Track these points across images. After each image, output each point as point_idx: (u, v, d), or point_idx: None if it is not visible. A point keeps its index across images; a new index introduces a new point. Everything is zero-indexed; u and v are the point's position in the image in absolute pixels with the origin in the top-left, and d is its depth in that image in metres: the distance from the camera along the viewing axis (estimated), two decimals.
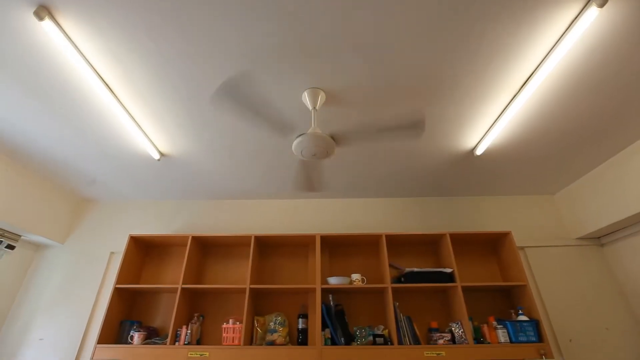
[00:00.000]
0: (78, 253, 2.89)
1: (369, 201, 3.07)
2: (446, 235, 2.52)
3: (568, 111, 1.97)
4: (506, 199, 3.05)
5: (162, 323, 2.54)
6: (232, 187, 2.87)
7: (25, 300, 2.71)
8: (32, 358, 2.48)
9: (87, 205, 3.13)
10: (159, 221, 3.02)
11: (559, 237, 2.84)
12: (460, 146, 2.30)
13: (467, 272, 2.67)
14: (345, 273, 2.65)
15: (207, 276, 2.71)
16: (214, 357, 2.12)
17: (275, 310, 2.52)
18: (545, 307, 2.58)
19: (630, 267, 2.55)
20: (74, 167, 2.57)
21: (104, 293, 2.71)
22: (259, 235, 2.55)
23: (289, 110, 1.93)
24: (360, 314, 2.51)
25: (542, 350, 2.13)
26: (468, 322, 2.20)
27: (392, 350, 2.12)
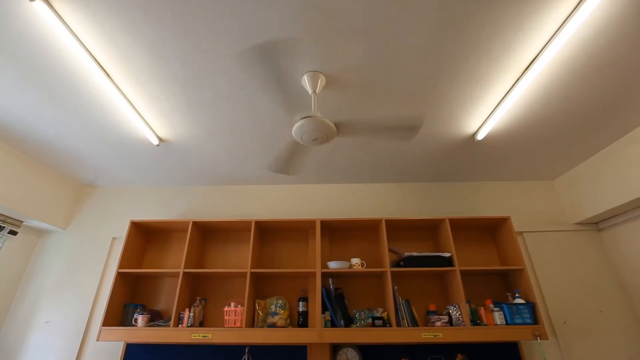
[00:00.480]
0: (80, 238, 2.91)
1: (369, 186, 3.08)
2: (445, 220, 2.54)
3: (571, 95, 1.94)
4: (506, 184, 3.05)
5: (165, 306, 2.59)
6: (231, 172, 2.86)
7: (30, 284, 2.75)
8: (39, 340, 2.54)
9: (87, 191, 3.14)
10: (159, 207, 3.03)
11: (558, 222, 2.86)
12: (462, 131, 2.29)
13: (465, 257, 2.70)
14: (345, 257, 2.69)
15: (208, 260, 2.75)
16: (217, 339, 2.17)
17: (276, 294, 2.57)
18: (541, 290, 2.63)
19: (626, 252, 2.58)
20: (74, 153, 2.57)
21: (107, 277, 2.76)
22: (259, 221, 2.57)
23: (288, 94, 1.91)
24: (359, 298, 2.56)
25: (537, 332, 2.18)
26: (465, 304, 2.24)
27: (390, 332, 2.17)
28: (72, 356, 2.47)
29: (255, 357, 2.39)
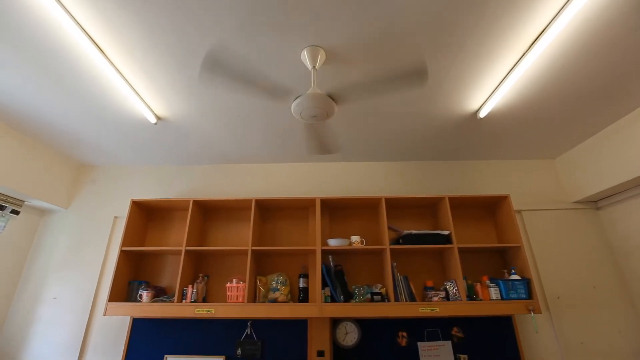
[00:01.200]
0: (82, 217, 2.94)
1: (369, 165, 3.07)
2: (445, 198, 2.55)
3: (577, 72, 1.90)
4: (507, 163, 3.04)
5: (168, 283, 2.65)
6: (231, 151, 2.85)
7: (36, 262, 2.80)
8: (48, 315, 2.62)
9: (87, 171, 3.13)
10: (159, 186, 3.04)
11: (557, 200, 2.88)
12: (464, 108, 2.25)
13: (464, 234, 2.73)
14: (345, 235, 2.72)
15: (210, 238, 2.78)
16: (220, 313, 2.24)
17: (277, 271, 2.62)
18: (537, 267, 2.68)
19: (623, 229, 2.61)
20: (72, 133, 2.55)
21: (111, 255, 2.81)
22: (259, 199, 2.58)
23: (287, 70, 1.86)
24: (359, 274, 2.61)
25: (531, 307, 2.24)
26: (462, 280, 2.29)
27: (388, 307, 2.23)
28: (81, 330, 2.56)
29: (257, 331, 2.47)
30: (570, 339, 2.46)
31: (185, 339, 2.47)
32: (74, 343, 2.53)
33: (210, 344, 2.45)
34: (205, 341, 2.46)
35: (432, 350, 2.41)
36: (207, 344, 2.45)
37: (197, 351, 2.43)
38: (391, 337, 2.44)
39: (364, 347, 2.42)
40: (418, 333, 2.45)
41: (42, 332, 2.57)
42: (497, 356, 2.38)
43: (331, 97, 1.63)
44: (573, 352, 2.42)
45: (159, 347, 2.45)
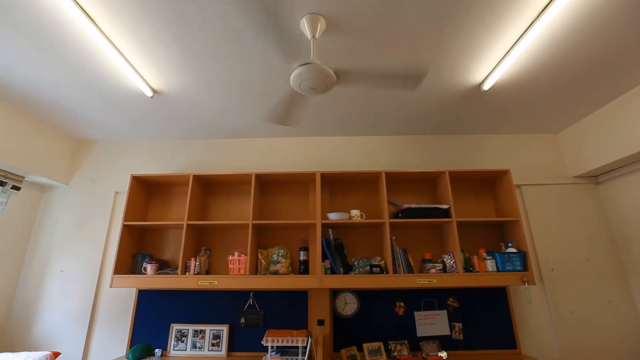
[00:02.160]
0: (83, 193, 2.95)
1: (370, 139, 3.04)
2: (445, 173, 2.55)
3: (581, 45, 1.85)
4: (508, 137, 3.01)
5: (171, 256, 2.71)
6: (230, 125, 2.81)
7: (40, 237, 2.85)
8: (56, 287, 2.70)
9: (86, 146, 3.11)
10: (159, 161, 3.03)
11: (557, 175, 2.88)
12: (468, 80, 2.19)
13: (463, 208, 2.76)
14: (345, 209, 2.75)
15: (211, 213, 2.81)
16: (223, 285, 2.31)
17: (278, 244, 2.67)
18: (533, 240, 2.73)
19: (621, 204, 2.63)
20: (69, 108, 2.51)
21: (114, 229, 2.85)
22: (259, 174, 2.58)
23: (286, 40, 1.80)
24: (358, 247, 2.66)
25: (526, 278, 2.30)
26: (460, 253, 2.34)
27: (387, 278, 2.29)
28: (89, 301, 2.65)
29: (259, 301, 2.55)
30: (561, 308, 2.55)
31: (190, 309, 2.56)
32: (83, 313, 2.62)
33: (215, 314, 2.54)
34: (210, 311, 2.55)
35: (428, 319, 2.50)
36: (211, 313, 2.54)
37: (202, 320, 2.53)
38: (389, 307, 2.53)
39: (363, 316, 2.51)
40: (415, 303, 2.54)
41: (52, 303, 2.66)
42: (490, 324, 2.48)
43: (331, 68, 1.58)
44: (563, 321, 2.52)
45: (165, 316, 2.54)
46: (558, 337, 2.48)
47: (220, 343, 2.45)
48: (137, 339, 2.50)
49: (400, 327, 2.49)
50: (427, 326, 2.48)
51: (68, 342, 2.56)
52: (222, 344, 2.44)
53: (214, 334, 2.47)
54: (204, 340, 2.46)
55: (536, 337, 2.50)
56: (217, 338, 2.46)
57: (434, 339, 2.44)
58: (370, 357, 2.27)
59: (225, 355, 2.42)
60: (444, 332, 2.47)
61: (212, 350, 2.44)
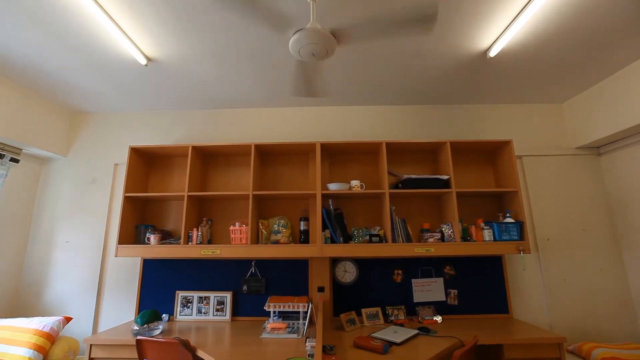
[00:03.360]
0: (83, 165, 2.95)
1: (370, 109, 2.99)
2: (446, 143, 2.52)
3: (593, 10, 1.76)
4: (512, 107, 2.96)
5: (174, 227, 2.75)
6: (228, 94, 2.75)
7: (43, 209, 2.88)
8: (63, 257, 2.77)
9: (82, 118, 3.06)
10: (157, 132, 3.00)
11: (559, 146, 2.86)
12: (474, 46, 2.11)
13: (462, 179, 2.76)
14: (345, 179, 2.75)
15: (211, 184, 2.82)
16: (225, 254, 2.36)
17: (278, 214, 2.71)
18: (531, 211, 2.75)
19: (621, 174, 2.63)
20: (64, 79, 2.46)
21: (116, 201, 2.87)
22: (259, 144, 2.56)
23: (284, 3, 1.71)
24: (358, 217, 2.70)
25: (521, 247, 2.35)
26: (458, 223, 2.37)
27: (386, 247, 2.34)
28: (96, 270, 2.72)
29: (261, 270, 2.63)
30: (554, 276, 2.63)
31: (195, 277, 2.64)
32: (91, 281, 2.71)
33: (218, 281, 2.62)
34: (213, 279, 2.63)
35: (425, 286, 2.59)
36: (214, 281, 2.62)
37: (206, 287, 2.61)
38: (387, 274, 2.61)
39: (362, 284, 2.59)
40: (413, 271, 2.61)
41: (60, 272, 2.74)
42: (485, 290, 2.57)
43: (333, 33, 1.51)
44: (555, 288, 2.60)
45: (170, 283, 2.63)
46: (549, 303, 2.58)
47: (224, 309, 2.55)
48: (145, 305, 2.60)
49: (397, 293, 2.57)
50: (424, 292, 2.57)
51: (79, 308, 2.66)
52: (226, 310, 2.54)
53: (218, 300, 2.57)
54: (209, 306, 2.56)
55: (528, 303, 2.60)
56: (221, 304, 2.56)
57: (429, 305, 2.53)
58: (368, 321, 2.37)
59: (229, 319, 2.52)
60: (440, 298, 2.56)
61: (216, 315, 2.54)
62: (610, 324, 2.53)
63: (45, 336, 2.17)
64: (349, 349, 1.82)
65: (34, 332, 2.16)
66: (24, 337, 2.13)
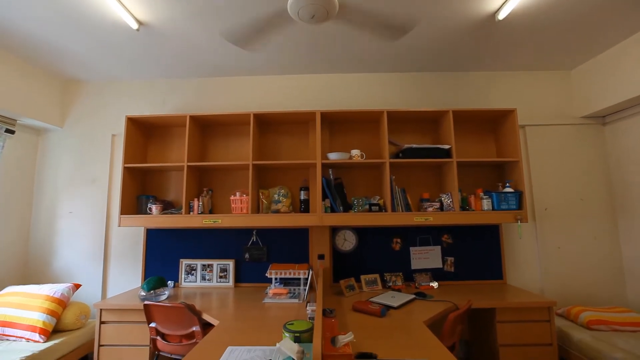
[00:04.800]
0: (80, 136, 2.91)
1: (372, 76, 2.89)
2: (449, 112, 2.47)
3: None
4: (518, 74, 2.86)
5: (174, 197, 2.77)
6: (224, 60, 2.65)
7: (44, 180, 2.88)
8: (67, 227, 2.81)
9: (76, 87, 2.98)
10: (154, 101, 2.93)
11: (564, 115, 2.81)
12: (482, 8, 2.00)
13: (464, 149, 2.74)
14: (345, 149, 2.73)
15: (211, 154, 2.80)
16: (226, 223, 2.39)
17: (279, 184, 2.71)
18: (531, 180, 2.76)
19: (625, 143, 2.60)
20: (54, 46, 2.38)
21: (115, 172, 2.87)
22: (258, 113, 2.51)
23: None
24: (358, 187, 2.71)
25: (519, 216, 2.38)
26: (457, 193, 2.38)
27: (385, 216, 2.37)
28: (101, 239, 2.78)
29: (262, 238, 2.68)
30: (549, 244, 2.68)
31: (197, 246, 2.70)
32: (97, 250, 2.77)
33: (220, 250, 2.68)
34: (216, 247, 2.69)
35: (423, 253, 2.65)
36: (217, 249, 2.69)
37: (209, 256, 2.68)
38: (386, 243, 2.66)
39: (361, 251, 2.66)
40: (411, 239, 2.67)
41: (66, 241, 2.79)
42: (481, 258, 2.63)
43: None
44: (549, 255, 2.67)
45: (174, 252, 2.69)
46: (542, 269, 2.65)
47: (227, 275, 2.63)
48: (150, 273, 2.68)
49: (396, 261, 2.64)
50: (421, 260, 2.64)
51: (86, 275, 2.75)
52: (229, 277, 2.63)
53: (221, 268, 2.64)
54: (212, 273, 2.64)
55: (522, 270, 2.67)
56: (224, 271, 2.64)
57: (426, 271, 2.61)
58: (367, 287, 2.45)
59: (232, 286, 2.61)
60: (437, 265, 2.63)
61: (220, 282, 2.63)
62: (600, 290, 2.62)
63: (57, 302, 2.26)
64: (348, 312, 1.90)
65: (46, 297, 2.25)
66: (36, 303, 2.21)
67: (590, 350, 1.95)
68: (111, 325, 2.13)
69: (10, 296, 2.27)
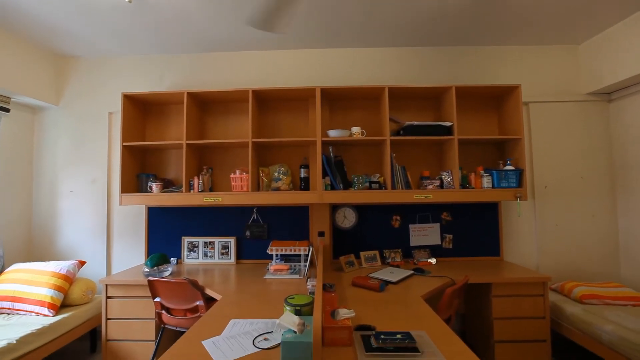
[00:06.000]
0: (76, 114, 2.87)
1: (373, 51, 2.81)
2: (451, 88, 2.42)
3: None
4: (525, 49, 2.77)
5: (174, 175, 2.77)
6: (220, 34, 2.56)
7: (42, 159, 2.87)
8: (69, 206, 2.83)
9: (70, 63, 2.90)
10: (150, 78, 2.86)
11: (570, 92, 2.75)
12: None
13: (465, 126, 2.70)
14: (345, 126, 2.69)
15: (210, 132, 2.77)
16: (227, 201, 2.41)
17: (279, 162, 2.70)
18: (532, 158, 2.74)
19: (630, 120, 2.56)
20: (45, 20, 2.29)
21: (114, 150, 2.85)
22: (257, 90, 2.46)
23: None
24: (358, 164, 2.70)
25: (519, 194, 2.39)
26: (458, 171, 2.38)
27: (385, 194, 2.38)
28: (103, 218, 2.80)
29: (263, 216, 2.70)
30: (547, 221, 2.70)
31: (198, 224, 2.73)
32: (100, 228, 2.80)
33: (221, 228, 2.72)
34: (217, 225, 2.72)
35: (422, 231, 2.68)
36: (218, 227, 2.72)
37: (210, 233, 2.72)
38: (386, 220, 2.69)
39: (361, 228, 2.69)
40: (410, 217, 2.69)
41: (69, 220, 2.82)
42: (479, 235, 2.67)
43: None
44: (546, 233, 2.70)
45: (175, 230, 2.73)
46: (539, 246, 2.69)
47: (229, 252, 2.68)
48: (153, 250, 2.73)
49: (395, 238, 2.68)
50: (420, 237, 2.68)
51: (91, 253, 2.79)
52: (230, 253, 2.67)
53: (223, 245, 2.69)
54: (214, 250, 2.69)
55: (519, 246, 2.71)
56: (226, 248, 2.68)
57: (425, 248, 2.65)
58: (366, 263, 2.50)
59: (234, 262, 2.66)
60: (435, 242, 2.67)
61: (222, 258, 2.68)
62: (594, 267, 2.67)
63: (63, 278, 2.31)
64: (348, 287, 1.95)
65: (52, 274, 2.30)
66: (43, 279, 2.26)
67: (581, 322, 2.02)
68: (117, 300, 2.19)
69: (18, 273, 2.32)
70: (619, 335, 1.78)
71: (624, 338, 1.76)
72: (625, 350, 1.74)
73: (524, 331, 2.08)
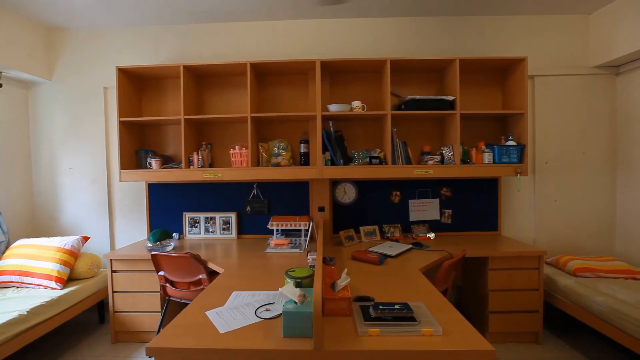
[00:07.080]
0: (70, 89, 2.80)
1: (374, 21, 2.69)
2: (455, 61, 2.35)
3: None
4: (531, 19, 2.66)
5: (173, 151, 2.75)
6: (218, 4, 2.45)
7: (39, 137, 2.84)
8: (69, 183, 2.84)
9: (61, 36, 2.79)
10: (144, 50, 2.76)
11: (577, 65, 2.67)
12: None
13: (468, 101, 2.64)
14: (346, 100, 2.64)
15: (208, 107, 2.72)
16: (227, 177, 2.40)
17: (278, 137, 2.68)
18: (535, 133, 2.71)
19: (637, 97, 2.51)
20: None
21: (111, 126, 2.81)
22: (255, 62, 2.38)
23: None
24: (358, 139, 2.67)
25: (519, 169, 2.38)
26: (459, 146, 2.36)
27: (385, 169, 2.37)
28: (104, 194, 2.81)
29: (263, 192, 2.71)
30: (546, 197, 2.72)
31: (200, 199, 2.74)
32: (101, 204, 2.82)
33: (222, 203, 2.73)
34: (217, 201, 2.74)
35: (421, 206, 2.70)
36: (219, 203, 2.74)
37: (211, 209, 2.74)
38: (385, 195, 2.70)
39: (360, 204, 2.71)
40: (410, 192, 2.70)
41: (70, 196, 2.83)
42: (478, 210, 2.69)
43: None
44: (544, 208, 2.72)
45: (176, 206, 2.75)
46: (537, 221, 2.72)
47: (230, 227, 2.71)
48: (155, 225, 2.76)
49: (394, 213, 2.71)
50: (419, 212, 2.70)
51: (94, 228, 2.83)
52: (231, 228, 2.71)
53: (224, 220, 2.72)
54: (215, 225, 2.72)
55: (517, 221, 2.74)
56: (227, 224, 2.72)
57: (424, 223, 2.68)
58: (366, 237, 2.54)
59: (235, 237, 2.71)
60: (434, 217, 2.70)
61: (223, 233, 2.72)
62: (591, 241, 2.71)
63: (68, 253, 2.35)
64: (348, 261, 1.99)
65: (57, 249, 2.34)
66: (48, 254, 2.31)
67: (574, 294, 2.08)
68: (122, 273, 2.25)
69: (23, 248, 2.37)
70: (608, 306, 1.84)
71: (613, 308, 1.82)
72: (614, 320, 1.81)
73: (517, 302, 2.15)
